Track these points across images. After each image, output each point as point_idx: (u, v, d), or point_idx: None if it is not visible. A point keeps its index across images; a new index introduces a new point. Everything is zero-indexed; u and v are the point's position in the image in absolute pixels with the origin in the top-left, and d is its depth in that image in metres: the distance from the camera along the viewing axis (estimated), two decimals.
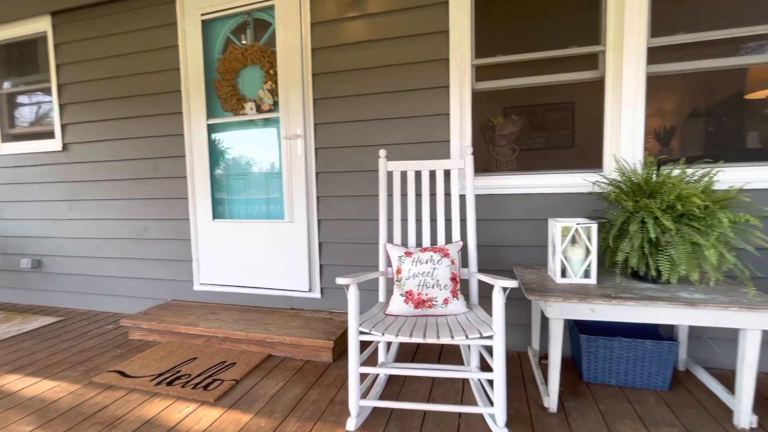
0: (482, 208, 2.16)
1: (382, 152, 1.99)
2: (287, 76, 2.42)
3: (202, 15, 2.58)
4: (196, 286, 2.78)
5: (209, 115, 2.65)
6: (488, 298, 2.03)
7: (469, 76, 2.12)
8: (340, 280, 1.50)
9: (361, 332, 1.49)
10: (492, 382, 1.47)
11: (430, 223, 1.99)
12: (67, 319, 2.88)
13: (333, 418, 1.56)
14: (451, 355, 2.12)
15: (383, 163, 1.98)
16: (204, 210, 2.71)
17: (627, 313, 1.48)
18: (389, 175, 2.21)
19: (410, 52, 2.20)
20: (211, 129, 2.68)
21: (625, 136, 1.95)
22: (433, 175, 2.16)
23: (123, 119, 2.83)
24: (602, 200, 1.96)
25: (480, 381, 1.75)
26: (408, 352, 2.17)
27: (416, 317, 1.67)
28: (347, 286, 1.49)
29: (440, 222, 1.94)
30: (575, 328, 1.91)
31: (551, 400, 1.58)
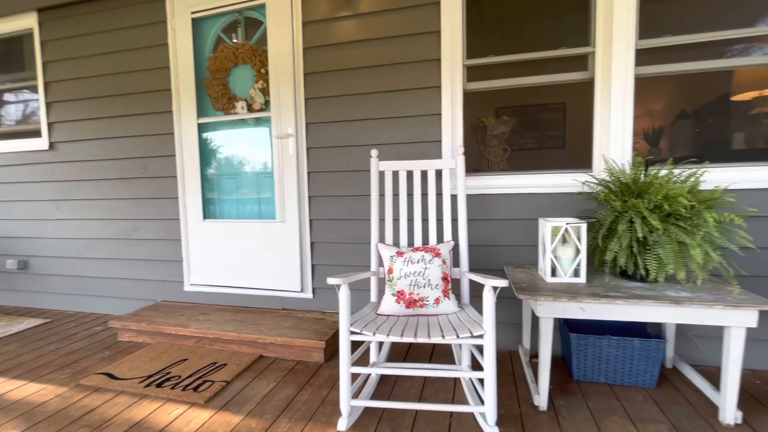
0: (473, 207, 2.17)
1: (374, 152, 1.99)
2: (279, 75, 2.41)
3: (192, 13, 2.55)
4: (187, 287, 2.76)
5: (200, 114, 2.63)
6: (480, 298, 2.03)
7: (460, 77, 2.13)
8: (331, 280, 1.50)
9: (353, 332, 1.49)
10: (483, 381, 1.48)
11: (422, 222, 1.99)
12: (54, 320, 2.83)
13: (324, 419, 1.56)
14: (443, 354, 2.12)
15: (375, 163, 1.98)
16: (194, 210, 2.69)
17: (616, 311, 1.50)
18: (381, 175, 2.21)
19: (402, 52, 2.20)
20: (202, 128, 2.65)
21: (614, 137, 1.97)
22: (424, 175, 2.16)
23: (111, 118, 2.80)
24: (592, 200, 1.98)
25: (471, 380, 1.75)
26: (400, 352, 2.17)
27: (408, 317, 1.68)
28: (338, 287, 1.49)
29: (432, 222, 1.94)
30: (565, 327, 1.93)
31: (541, 399, 1.59)
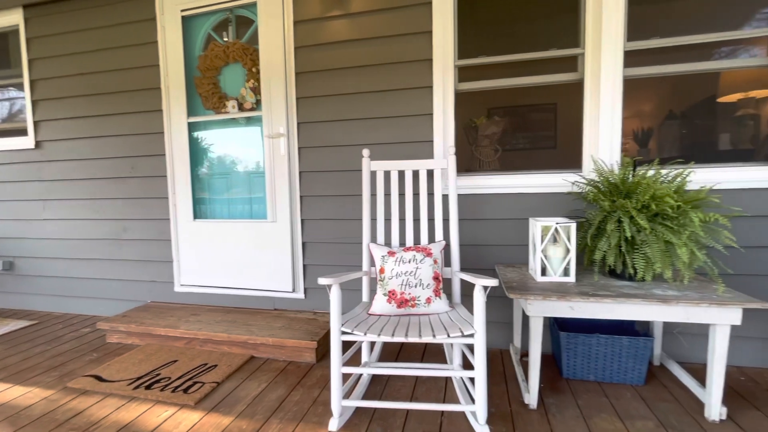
0: (465, 207, 2.18)
1: (366, 152, 1.99)
2: (270, 74, 2.39)
3: (182, 11, 2.53)
4: (177, 288, 2.73)
5: (190, 113, 2.60)
6: (471, 297, 2.03)
7: (452, 77, 2.14)
8: (322, 280, 1.49)
9: (344, 332, 1.49)
10: (474, 380, 1.49)
11: (413, 222, 1.99)
12: (40, 322, 2.79)
13: (315, 419, 1.56)
14: (435, 353, 2.13)
15: (367, 163, 1.98)
16: (185, 210, 2.66)
17: (604, 310, 1.52)
18: (373, 175, 2.21)
19: (394, 52, 2.20)
20: (192, 127, 2.63)
21: (603, 137, 2.00)
22: (416, 174, 2.17)
23: (100, 116, 2.76)
24: (581, 200, 2.00)
25: (462, 379, 1.76)
26: (392, 352, 2.17)
27: (399, 316, 1.68)
28: (329, 287, 1.48)
29: (423, 221, 1.95)
30: (555, 326, 1.94)
31: (531, 397, 1.60)
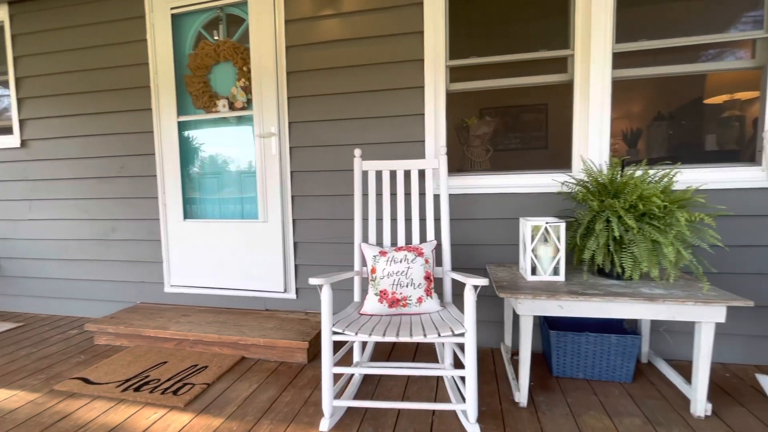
0: (456, 207, 2.19)
1: (357, 152, 1.98)
2: (261, 73, 2.38)
3: (172, 9, 2.50)
4: (167, 288, 2.70)
5: (180, 112, 2.58)
6: (462, 296, 2.05)
7: (443, 77, 2.14)
8: (313, 280, 1.49)
9: (335, 332, 1.49)
10: (465, 379, 1.50)
11: (405, 222, 2.00)
12: (27, 324, 2.74)
13: (307, 420, 1.55)
14: (427, 353, 2.14)
15: (358, 163, 1.98)
16: (175, 210, 2.64)
17: (593, 308, 1.54)
18: (364, 175, 2.21)
19: (385, 52, 2.20)
20: (182, 126, 2.60)
21: (592, 138, 2.02)
22: (408, 174, 2.17)
23: (87, 115, 2.72)
24: (571, 200, 2.03)
25: (453, 378, 1.77)
26: (384, 351, 2.17)
27: (390, 316, 1.68)
28: (320, 287, 1.48)
29: (415, 221, 1.95)
30: (546, 325, 1.96)
31: (522, 395, 1.62)
